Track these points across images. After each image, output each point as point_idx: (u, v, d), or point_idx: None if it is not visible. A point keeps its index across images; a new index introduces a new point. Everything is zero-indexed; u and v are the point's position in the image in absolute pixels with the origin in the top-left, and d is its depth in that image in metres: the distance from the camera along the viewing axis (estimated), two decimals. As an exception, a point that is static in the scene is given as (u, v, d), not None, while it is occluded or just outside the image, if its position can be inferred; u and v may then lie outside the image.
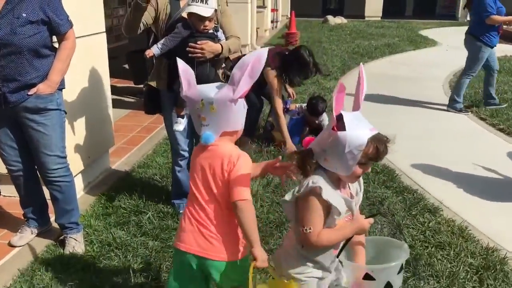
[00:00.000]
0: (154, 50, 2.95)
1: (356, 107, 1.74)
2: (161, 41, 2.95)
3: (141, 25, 2.97)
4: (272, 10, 16.77)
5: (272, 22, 16.80)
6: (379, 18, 20.46)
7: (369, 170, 1.72)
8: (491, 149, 4.91)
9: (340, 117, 1.64)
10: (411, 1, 23.88)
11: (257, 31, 13.67)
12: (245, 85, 1.70)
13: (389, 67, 9.57)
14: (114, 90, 6.81)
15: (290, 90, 4.90)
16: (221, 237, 1.76)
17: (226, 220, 1.77)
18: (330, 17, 18.70)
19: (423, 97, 6.94)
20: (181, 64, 1.77)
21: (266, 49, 1.73)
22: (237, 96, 1.71)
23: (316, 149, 1.72)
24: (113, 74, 7.88)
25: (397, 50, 11.70)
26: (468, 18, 18.55)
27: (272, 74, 4.31)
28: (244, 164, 1.75)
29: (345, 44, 12.52)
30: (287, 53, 4.46)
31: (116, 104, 6.12)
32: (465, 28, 6.23)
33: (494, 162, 4.46)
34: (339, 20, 18.83)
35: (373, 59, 10.45)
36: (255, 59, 1.68)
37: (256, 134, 4.89)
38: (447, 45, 12.85)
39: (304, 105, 4.78)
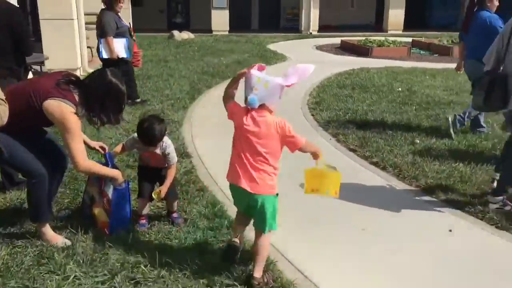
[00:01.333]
0: None
1: None
2: None
3: None
4: (110, 26, 14.97)
5: (111, 39, 15.00)
6: (227, 32, 19.96)
7: None
8: (375, 192, 4.14)
9: None
10: (256, 14, 24.01)
11: (91, 51, 11.94)
12: (293, 80, 2.56)
13: (243, 88, 8.66)
14: None
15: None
16: (270, 177, 2.60)
17: (275, 164, 2.62)
18: (176, 32, 17.58)
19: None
20: None
21: (312, 66, 2.64)
22: (285, 84, 2.56)
23: None
24: None
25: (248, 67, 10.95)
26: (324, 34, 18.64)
27: (67, 109, 2.78)
28: (289, 123, 2.62)
29: (193, 62, 11.43)
30: (86, 81, 2.96)
31: None
32: (309, 40, 5.61)
33: (385, 214, 3.65)
34: (186, 35, 17.82)
35: (224, 79, 9.47)
36: (303, 72, 2.59)
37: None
38: (296, 60, 12.59)
39: (134, 136, 3.35)
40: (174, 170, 3.35)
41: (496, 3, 5.36)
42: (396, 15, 20.83)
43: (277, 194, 2.66)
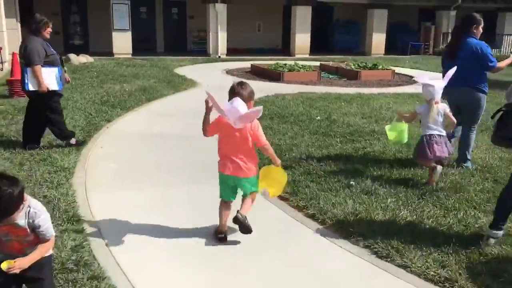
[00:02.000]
0: None
1: None
2: None
3: None
4: (-7, 48, 13.08)
5: (-6, 63, 13.10)
6: (130, 56, 18.65)
7: None
8: (321, 260, 3.40)
9: None
10: (161, 37, 22.97)
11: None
12: (243, 112, 3.26)
13: (149, 121, 7.65)
14: None
15: None
16: (251, 165, 3.44)
17: (253, 155, 3.48)
18: (72, 56, 15.93)
19: (199, 164, 5.23)
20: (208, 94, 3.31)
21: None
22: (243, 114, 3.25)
23: None
24: None
25: (155, 95, 9.94)
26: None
27: None
28: (259, 126, 3.42)
29: (91, 90, 10.14)
30: None
31: None
32: (218, 64, 4.89)
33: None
34: (84, 58, 16.26)
35: (127, 110, 8.39)
36: (250, 116, 3.25)
37: None
38: (207, 85, 11.80)
39: None
40: (50, 244, 2.34)
41: (481, 30, 5.28)
42: (302, 40, 21.03)
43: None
